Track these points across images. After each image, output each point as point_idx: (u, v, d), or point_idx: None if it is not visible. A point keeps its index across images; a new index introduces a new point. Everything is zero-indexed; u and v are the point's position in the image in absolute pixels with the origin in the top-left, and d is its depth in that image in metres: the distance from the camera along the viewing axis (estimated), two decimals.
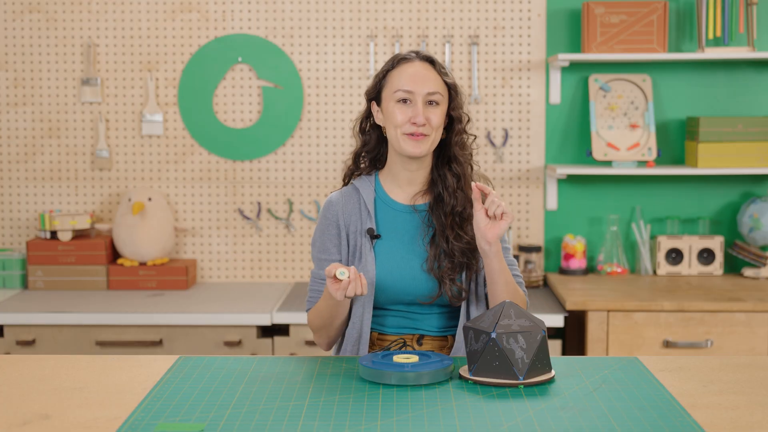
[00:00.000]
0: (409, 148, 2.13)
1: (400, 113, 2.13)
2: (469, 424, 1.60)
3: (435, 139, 2.15)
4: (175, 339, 3.29)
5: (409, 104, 2.13)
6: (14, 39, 3.76)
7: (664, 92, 3.73)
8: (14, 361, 2.03)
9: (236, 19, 3.74)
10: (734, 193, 3.77)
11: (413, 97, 2.13)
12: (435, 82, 2.15)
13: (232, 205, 3.80)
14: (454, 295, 2.14)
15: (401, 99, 2.14)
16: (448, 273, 2.13)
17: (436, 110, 2.14)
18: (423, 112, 2.12)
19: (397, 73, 2.16)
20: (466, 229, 2.16)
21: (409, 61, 2.18)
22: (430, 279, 2.15)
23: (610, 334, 3.20)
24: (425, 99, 2.13)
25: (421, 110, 2.12)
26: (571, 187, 3.77)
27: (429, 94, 2.13)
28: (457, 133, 2.19)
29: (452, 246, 2.13)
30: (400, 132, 2.13)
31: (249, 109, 3.78)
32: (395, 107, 2.14)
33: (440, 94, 2.15)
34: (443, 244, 2.14)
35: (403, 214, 2.20)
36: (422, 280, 2.16)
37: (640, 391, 1.79)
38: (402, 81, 2.14)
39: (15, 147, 3.80)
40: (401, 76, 2.15)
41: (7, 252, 3.74)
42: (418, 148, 2.12)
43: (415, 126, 2.11)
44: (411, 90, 2.13)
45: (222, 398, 1.75)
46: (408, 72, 2.15)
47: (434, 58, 2.19)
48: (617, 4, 3.56)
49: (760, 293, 3.33)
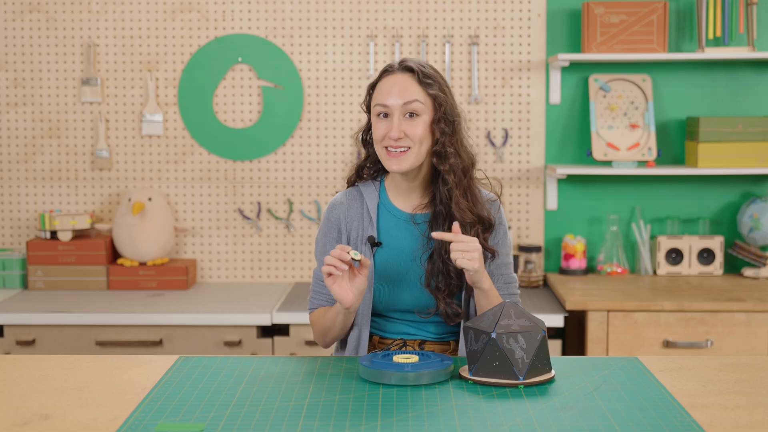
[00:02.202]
0: (390, 164, 2.06)
1: (379, 127, 2.07)
2: (469, 424, 1.60)
3: (420, 152, 2.06)
4: (175, 339, 3.29)
5: (387, 118, 2.07)
6: (14, 39, 3.76)
7: (664, 92, 3.73)
8: (14, 361, 2.03)
9: (236, 19, 3.74)
10: (734, 193, 3.77)
11: (389, 111, 2.06)
12: (411, 91, 2.06)
13: (232, 205, 3.80)
14: (449, 316, 2.10)
15: (379, 113, 2.08)
16: (444, 294, 2.09)
17: (416, 122, 2.05)
18: (400, 125, 2.04)
19: (379, 86, 2.10)
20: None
21: (391, 73, 2.10)
22: (426, 294, 2.12)
23: (610, 334, 3.20)
24: (403, 111, 2.05)
25: (397, 123, 2.04)
26: (571, 187, 3.77)
27: (405, 104, 2.05)
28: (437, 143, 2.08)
29: (448, 266, 2.08)
30: (380, 146, 2.07)
31: (249, 109, 3.78)
32: (375, 121, 2.08)
33: (419, 103, 2.05)
34: (439, 263, 2.09)
35: (405, 222, 2.16)
36: (420, 295, 2.13)
37: (640, 391, 1.79)
38: (380, 95, 2.07)
39: (15, 147, 3.80)
40: (380, 90, 2.08)
41: (7, 252, 3.74)
42: (398, 164, 2.05)
43: (392, 140, 2.04)
44: (386, 103, 2.06)
45: (222, 398, 1.75)
46: (386, 85, 2.08)
47: (417, 68, 2.08)
48: (617, 4, 3.56)
49: (760, 293, 3.33)
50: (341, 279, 1.99)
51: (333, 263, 1.95)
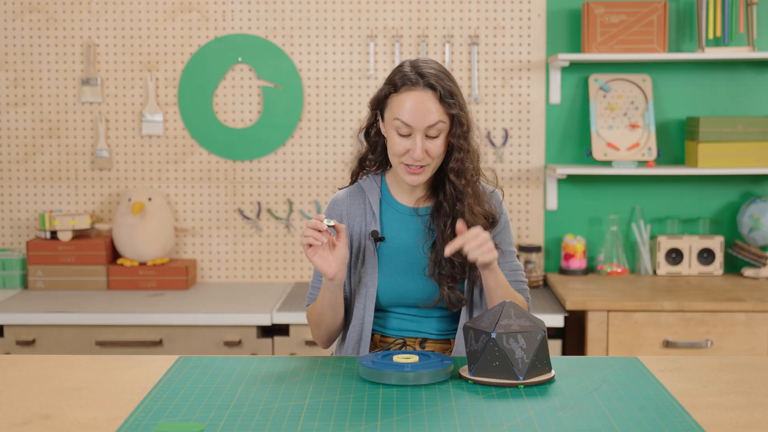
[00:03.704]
0: (407, 179, 2.10)
1: (398, 144, 2.07)
2: (469, 424, 1.60)
3: (435, 166, 2.11)
4: (175, 339, 3.29)
5: (408, 137, 2.07)
6: (14, 39, 3.76)
7: (664, 92, 3.73)
8: (14, 361, 2.03)
9: (236, 19, 3.74)
10: (734, 193, 3.77)
11: (412, 131, 2.06)
12: (436, 114, 2.06)
13: (232, 205, 3.80)
14: (453, 302, 2.13)
15: (399, 130, 2.07)
16: (448, 280, 2.12)
17: (436, 141, 2.08)
18: (422, 146, 2.06)
19: (399, 100, 2.08)
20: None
21: (413, 89, 2.07)
22: (431, 284, 2.15)
23: (610, 334, 3.20)
24: (425, 132, 2.06)
25: (420, 145, 2.05)
26: (571, 187, 3.77)
27: (429, 127, 2.06)
28: (455, 161, 2.12)
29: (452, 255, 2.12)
30: (398, 160, 2.10)
31: (249, 109, 3.78)
32: (394, 137, 2.08)
33: (442, 123, 2.07)
34: (443, 251, 2.12)
35: (407, 216, 2.20)
36: (424, 285, 2.15)
37: (640, 391, 1.78)
38: (403, 112, 2.06)
39: (15, 147, 3.80)
40: (402, 106, 2.07)
41: (7, 252, 3.74)
42: (416, 180, 2.10)
43: (413, 159, 2.07)
44: (410, 124, 2.05)
45: (222, 398, 1.75)
46: (409, 102, 2.06)
47: (438, 86, 2.07)
48: (617, 4, 3.56)
49: (760, 293, 3.33)
50: (322, 250, 2.03)
51: (310, 234, 1.99)
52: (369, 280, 2.15)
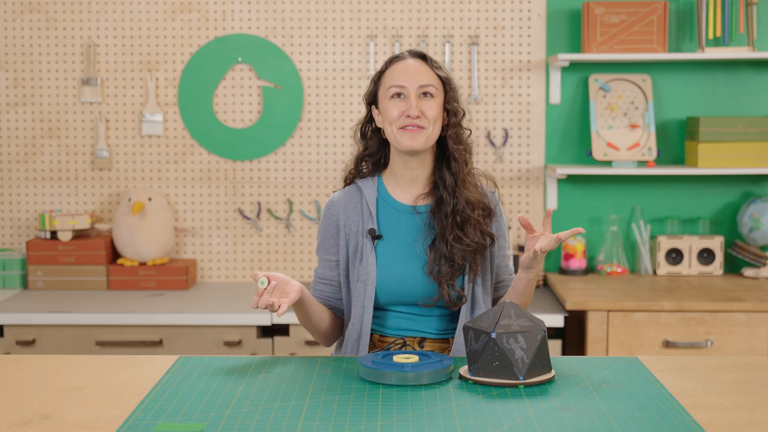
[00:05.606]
0: (405, 141, 2.13)
1: (394, 108, 2.14)
2: (469, 424, 1.60)
3: (432, 133, 2.15)
4: (175, 339, 3.29)
5: (402, 98, 2.15)
6: (14, 39, 3.76)
7: (664, 92, 3.73)
8: (14, 361, 2.03)
9: (236, 19, 3.74)
10: (734, 193, 3.77)
11: (406, 92, 2.14)
12: (427, 75, 2.17)
13: (232, 205, 3.80)
14: (452, 300, 2.14)
15: (394, 94, 2.15)
16: (447, 277, 2.14)
17: (431, 102, 2.15)
18: (417, 105, 2.13)
19: (390, 72, 2.19)
20: (467, 230, 2.16)
21: (401, 59, 2.20)
22: (430, 282, 2.15)
23: (610, 334, 3.20)
24: (418, 92, 2.15)
25: (415, 103, 2.13)
26: (571, 187, 3.77)
27: (421, 86, 2.15)
28: (452, 126, 2.20)
29: (452, 249, 2.14)
30: (396, 127, 2.14)
31: (249, 109, 3.78)
32: (389, 103, 2.15)
33: (434, 87, 2.16)
34: (443, 248, 2.14)
35: (405, 214, 2.20)
36: (423, 283, 2.16)
37: (640, 391, 1.79)
38: (394, 77, 2.16)
39: (15, 147, 3.80)
40: (393, 74, 2.17)
41: (7, 252, 3.74)
42: (414, 140, 2.13)
43: (410, 118, 2.12)
44: (403, 84, 2.15)
45: (222, 398, 1.75)
46: (400, 68, 2.18)
47: (426, 54, 2.22)
48: (617, 4, 3.56)
49: (760, 293, 3.33)
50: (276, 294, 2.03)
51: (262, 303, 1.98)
52: (367, 278, 2.15)
